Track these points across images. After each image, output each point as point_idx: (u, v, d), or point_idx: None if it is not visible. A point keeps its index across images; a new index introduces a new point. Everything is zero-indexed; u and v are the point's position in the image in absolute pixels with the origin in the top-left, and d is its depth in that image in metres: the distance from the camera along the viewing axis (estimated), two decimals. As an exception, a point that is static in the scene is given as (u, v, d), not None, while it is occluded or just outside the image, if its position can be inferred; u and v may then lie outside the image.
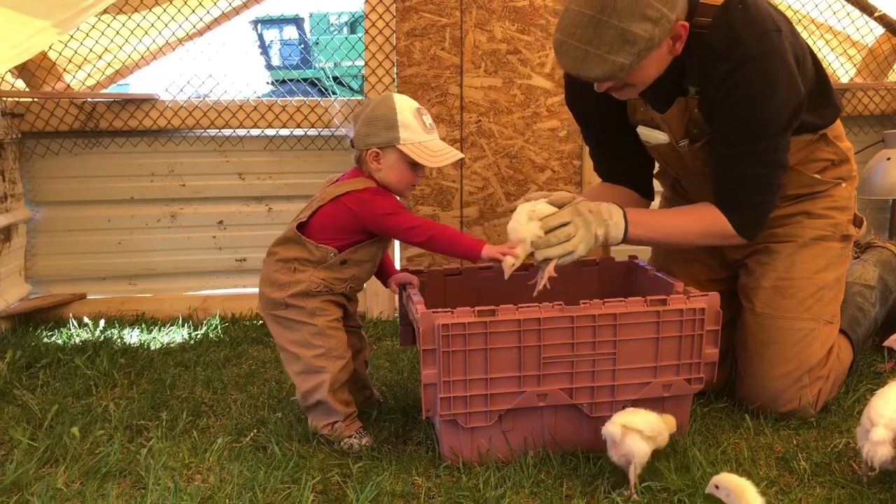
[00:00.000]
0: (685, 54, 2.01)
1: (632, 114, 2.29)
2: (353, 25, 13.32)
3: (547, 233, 2.00)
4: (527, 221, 2.01)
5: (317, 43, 13.41)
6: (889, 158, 3.57)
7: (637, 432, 1.77)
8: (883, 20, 3.76)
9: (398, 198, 2.16)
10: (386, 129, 2.06)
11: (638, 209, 2.21)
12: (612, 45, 1.86)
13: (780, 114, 1.99)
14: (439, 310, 1.93)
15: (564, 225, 2.00)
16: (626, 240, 2.10)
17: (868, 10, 3.74)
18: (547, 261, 2.02)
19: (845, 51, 3.95)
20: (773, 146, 2.03)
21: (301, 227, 2.12)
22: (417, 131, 2.07)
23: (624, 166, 2.44)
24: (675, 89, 2.10)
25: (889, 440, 1.74)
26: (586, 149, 3.40)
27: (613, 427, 1.78)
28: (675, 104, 2.12)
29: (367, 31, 3.38)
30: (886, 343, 2.24)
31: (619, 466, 1.81)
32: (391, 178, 2.11)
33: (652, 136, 2.25)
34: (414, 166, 2.11)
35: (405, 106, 2.08)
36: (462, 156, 2.18)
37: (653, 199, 2.50)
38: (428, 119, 2.11)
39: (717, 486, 1.58)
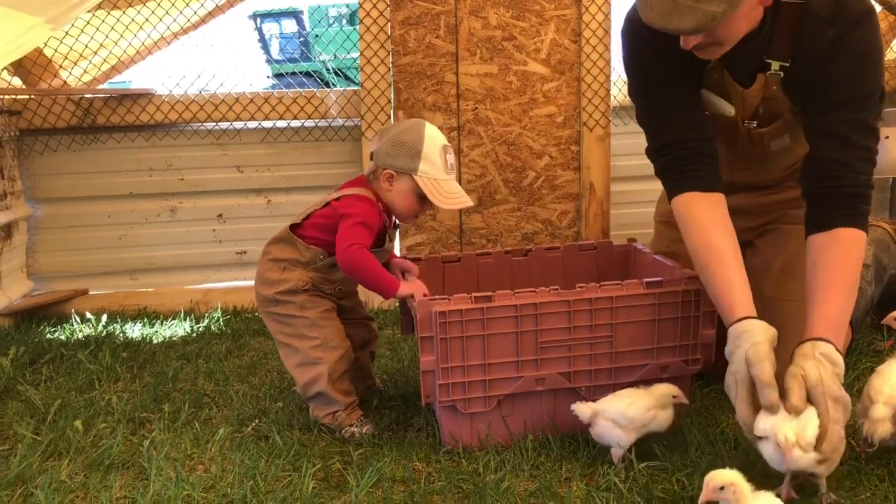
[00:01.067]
0: (775, 26, 1.94)
1: (708, 77, 2.10)
2: (351, 17, 13.28)
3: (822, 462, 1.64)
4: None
5: (316, 36, 13.38)
6: (888, 137, 3.55)
7: (609, 420, 1.83)
8: (880, -1, 3.74)
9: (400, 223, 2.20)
10: (408, 156, 2.09)
11: (815, 317, 1.83)
12: None
13: (880, 80, 1.94)
14: (437, 297, 1.93)
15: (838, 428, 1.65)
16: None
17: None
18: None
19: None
20: (876, 115, 1.95)
21: (294, 227, 2.15)
22: (438, 168, 2.10)
23: (708, 156, 2.08)
24: (758, 63, 2.01)
25: (888, 417, 1.75)
26: (584, 134, 3.43)
27: (582, 408, 1.86)
28: (757, 81, 2.03)
29: (361, 21, 3.38)
30: (885, 321, 2.24)
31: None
32: (398, 202, 2.14)
33: (719, 105, 2.12)
34: (423, 199, 2.13)
35: (434, 140, 2.11)
36: (472, 203, 2.19)
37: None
38: (451, 159, 2.14)
39: (722, 488, 1.48)
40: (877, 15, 1.95)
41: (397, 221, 2.25)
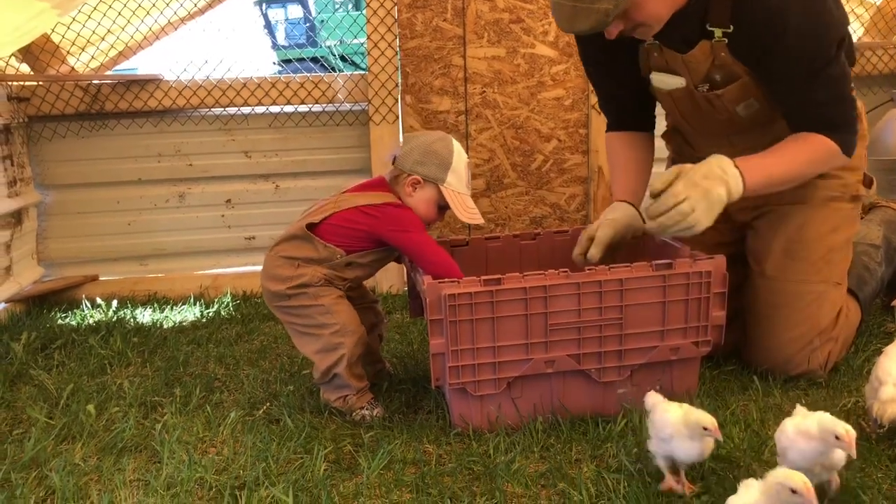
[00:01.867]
0: None
1: (644, 61, 2.25)
2: (357, 2, 13.22)
3: (658, 217, 1.97)
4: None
5: (322, 21, 13.33)
6: (899, 117, 3.53)
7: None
8: (891, -22, 3.71)
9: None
10: (438, 167, 2.13)
11: (743, 157, 2.05)
12: None
13: (836, 31, 1.96)
14: (445, 280, 1.94)
15: (678, 202, 1.94)
16: (745, 192, 2.01)
17: (876, -31, 3.69)
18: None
19: (853, 10, 3.89)
20: (839, 62, 1.99)
21: (311, 226, 2.13)
22: (462, 183, 2.17)
23: (629, 106, 2.44)
24: (699, 32, 2.06)
25: None
26: (592, 116, 3.42)
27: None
28: (699, 47, 2.08)
29: (368, 5, 3.36)
30: (895, 303, 2.24)
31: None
32: (419, 208, 2.17)
33: (666, 81, 2.21)
34: (441, 209, 2.18)
35: (461, 156, 2.16)
36: (483, 221, 2.25)
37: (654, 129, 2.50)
38: (469, 176, 2.21)
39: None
40: None
41: None
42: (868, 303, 2.46)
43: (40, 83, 3.38)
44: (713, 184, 1.96)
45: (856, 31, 3.97)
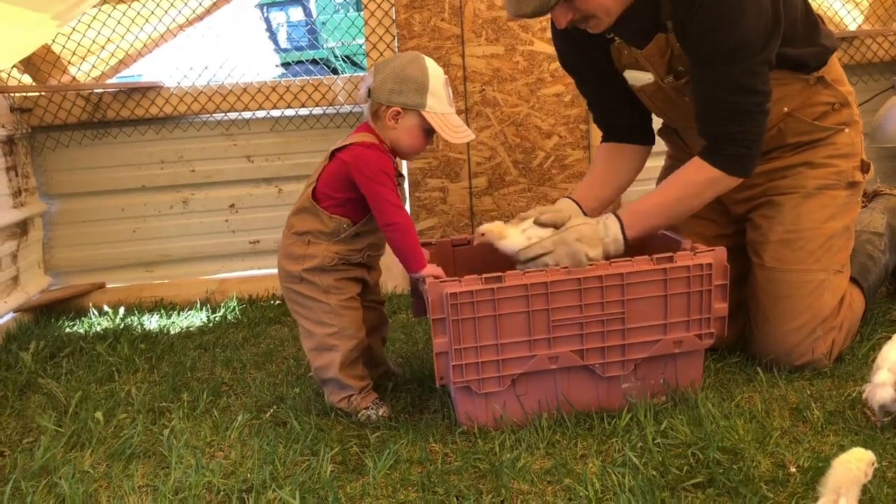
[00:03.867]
0: None
1: (617, 60, 2.27)
2: (357, 3, 13.23)
3: (525, 262, 2.07)
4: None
5: (323, 23, 13.35)
6: (902, 105, 3.52)
7: None
8: (889, -36, 3.69)
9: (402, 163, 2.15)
10: (415, 92, 2.03)
11: (631, 204, 2.20)
12: None
13: (750, 35, 1.95)
14: (447, 279, 1.94)
15: (544, 254, 2.04)
16: (628, 245, 2.11)
17: (874, -44, 3.68)
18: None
19: (852, -2, 3.88)
20: (748, 70, 1.99)
21: (314, 193, 2.11)
22: (443, 102, 2.07)
23: (620, 116, 2.44)
24: (654, 26, 2.09)
25: (891, 383, 1.76)
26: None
27: None
28: (654, 41, 2.11)
29: (365, 6, 3.37)
30: (900, 290, 2.24)
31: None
32: (404, 139, 2.09)
33: (637, 77, 2.24)
34: (428, 133, 2.10)
35: (437, 74, 2.06)
36: (474, 136, 2.18)
37: (653, 143, 2.49)
38: (450, 92, 2.11)
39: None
40: None
41: (403, 172, 2.22)
42: (872, 291, 2.46)
43: (42, 93, 3.40)
44: (584, 247, 2.03)
45: (855, 18, 3.96)
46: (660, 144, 2.55)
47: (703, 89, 2.07)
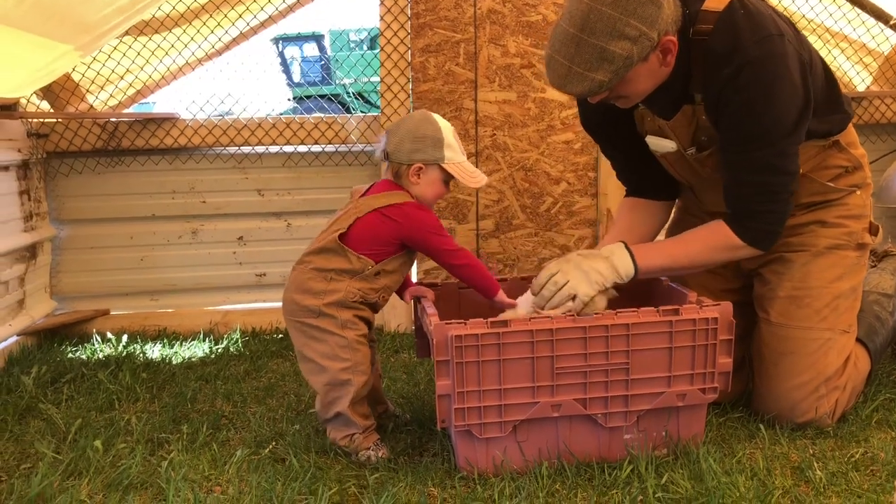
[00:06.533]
0: (691, 62, 2.03)
1: (640, 124, 2.30)
2: (372, 41, 13.43)
3: (539, 291, 2.09)
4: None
5: (337, 60, 13.53)
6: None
7: None
8: (898, 28, 3.75)
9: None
10: (433, 147, 2.15)
11: (643, 244, 2.26)
12: (590, 63, 1.90)
13: (782, 119, 1.99)
14: (452, 321, 1.95)
15: (552, 276, 2.07)
16: (638, 271, 2.12)
17: (883, 19, 3.73)
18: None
19: (861, 59, 3.94)
20: (780, 153, 2.03)
21: (342, 237, 2.14)
22: (458, 152, 2.19)
23: (645, 175, 2.47)
24: (682, 97, 2.12)
25: None
26: (601, 160, 3.45)
27: None
28: (682, 112, 2.13)
29: (382, 49, 3.43)
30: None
31: None
32: (428, 192, 2.19)
33: (660, 144, 2.26)
34: (446, 182, 2.21)
35: (447, 127, 2.18)
36: (486, 179, 2.27)
37: (677, 198, 2.54)
38: (459, 141, 2.23)
39: None
40: (782, 42, 1.96)
41: None
42: (879, 352, 2.45)
43: (59, 120, 3.44)
44: (587, 260, 2.09)
45: (864, 80, 4.01)
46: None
47: (732, 168, 2.10)
